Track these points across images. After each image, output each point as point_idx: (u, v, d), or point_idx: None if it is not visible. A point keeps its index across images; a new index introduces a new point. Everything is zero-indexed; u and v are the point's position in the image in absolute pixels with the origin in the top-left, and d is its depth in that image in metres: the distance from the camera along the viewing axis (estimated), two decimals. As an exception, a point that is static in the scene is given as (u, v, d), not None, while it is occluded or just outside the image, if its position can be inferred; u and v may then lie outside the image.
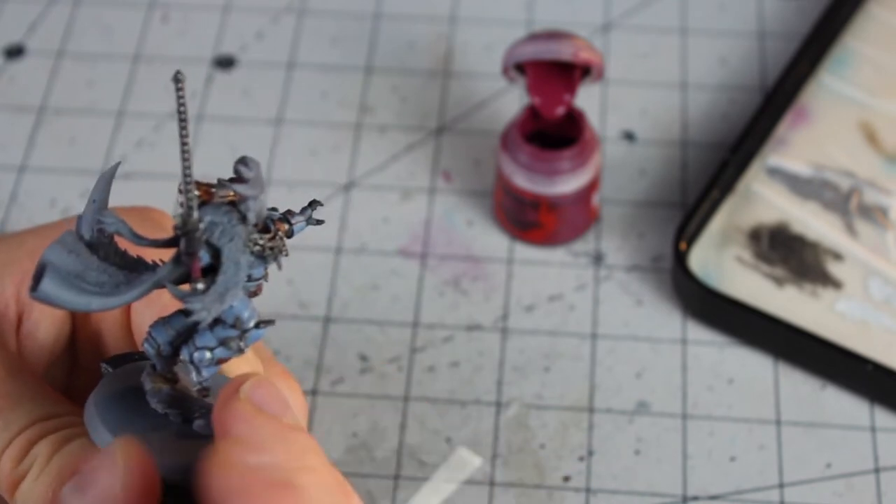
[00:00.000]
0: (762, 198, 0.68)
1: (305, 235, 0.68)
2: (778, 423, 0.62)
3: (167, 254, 0.42)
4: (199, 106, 0.74)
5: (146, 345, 0.43)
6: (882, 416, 0.62)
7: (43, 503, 0.44)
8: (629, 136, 0.72)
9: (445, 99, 0.74)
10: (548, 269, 0.67)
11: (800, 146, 0.69)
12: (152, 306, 0.48)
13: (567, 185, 0.66)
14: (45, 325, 0.50)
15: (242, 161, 0.41)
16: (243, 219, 0.42)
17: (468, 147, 0.72)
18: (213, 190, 0.42)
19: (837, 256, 0.66)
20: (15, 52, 0.76)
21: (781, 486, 0.60)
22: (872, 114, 0.71)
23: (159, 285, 0.42)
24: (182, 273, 0.42)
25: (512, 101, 0.73)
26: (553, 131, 0.67)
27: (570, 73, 0.65)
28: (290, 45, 0.76)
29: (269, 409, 0.41)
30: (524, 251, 0.68)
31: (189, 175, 0.40)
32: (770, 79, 0.74)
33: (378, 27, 0.77)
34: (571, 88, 0.66)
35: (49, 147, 0.72)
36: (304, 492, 0.40)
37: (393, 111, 0.73)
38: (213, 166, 0.70)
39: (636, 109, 0.73)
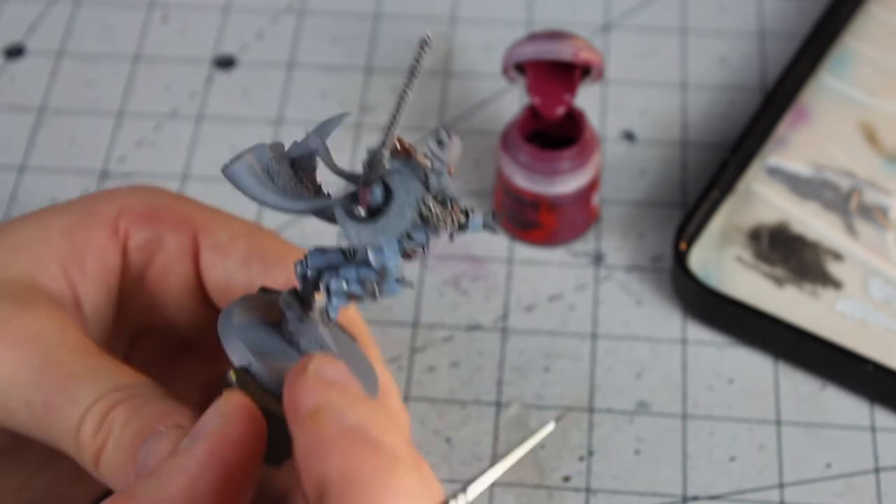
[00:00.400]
0: (762, 198, 0.68)
1: (306, 235, 0.68)
2: (778, 423, 0.62)
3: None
4: (200, 106, 0.74)
5: (297, 265, 0.47)
6: (882, 416, 0.62)
7: (124, 467, 0.46)
8: (629, 136, 0.72)
9: (445, 99, 0.74)
10: (548, 269, 0.67)
11: (800, 146, 0.69)
12: (229, 259, 0.51)
13: (567, 185, 0.66)
14: (102, 301, 0.51)
15: (444, 129, 0.44)
16: (426, 181, 0.44)
17: (468, 147, 0.72)
18: (414, 149, 0.45)
19: (837, 256, 0.66)
20: (15, 52, 0.76)
21: (781, 486, 0.60)
22: (872, 114, 0.71)
23: (329, 206, 0.45)
24: (353, 205, 0.45)
25: (512, 101, 0.73)
26: (553, 131, 0.67)
27: (570, 73, 0.65)
28: (290, 45, 0.76)
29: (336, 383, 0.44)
30: (524, 251, 0.68)
31: (396, 121, 0.44)
32: (770, 79, 0.74)
33: (378, 27, 0.77)
34: (571, 88, 0.66)
35: (49, 147, 0.72)
36: (389, 449, 0.42)
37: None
38: (213, 166, 0.70)
39: (636, 109, 0.73)
